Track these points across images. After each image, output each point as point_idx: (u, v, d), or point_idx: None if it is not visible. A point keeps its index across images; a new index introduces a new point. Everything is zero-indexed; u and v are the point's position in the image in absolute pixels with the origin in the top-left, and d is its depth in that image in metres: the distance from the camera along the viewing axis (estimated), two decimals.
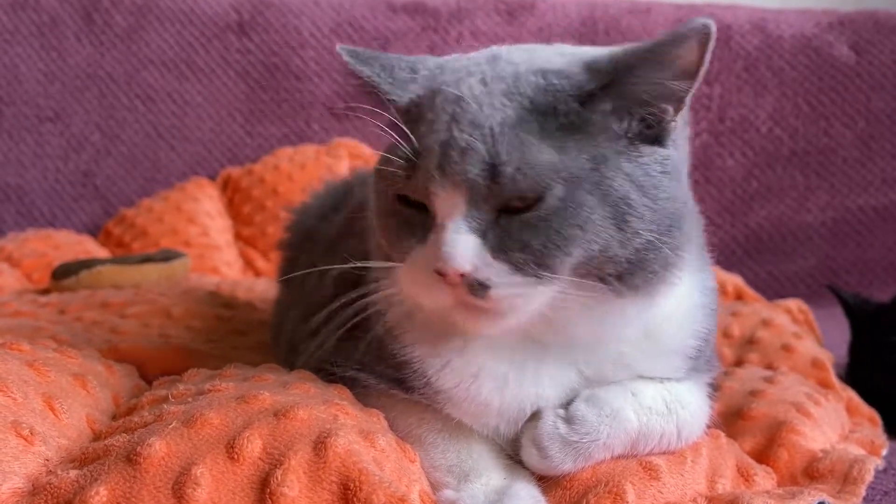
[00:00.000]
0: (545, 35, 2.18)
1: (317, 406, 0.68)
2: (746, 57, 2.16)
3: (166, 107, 2.16)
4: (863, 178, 2.10)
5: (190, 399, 0.71)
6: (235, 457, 0.61)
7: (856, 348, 1.24)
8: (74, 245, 1.85)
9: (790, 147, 2.13)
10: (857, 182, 2.10)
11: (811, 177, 2.12)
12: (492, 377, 0.73)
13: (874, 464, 0.86)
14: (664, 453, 0.76)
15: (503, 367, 0.73)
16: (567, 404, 0.73)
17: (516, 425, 0.74)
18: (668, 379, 0.78)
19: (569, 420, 0.71)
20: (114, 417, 0.78)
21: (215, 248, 1.95)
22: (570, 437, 0.71)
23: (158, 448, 0.62)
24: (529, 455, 0.72)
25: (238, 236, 2.05)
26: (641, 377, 0.77)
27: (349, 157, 2.07)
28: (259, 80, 2.18)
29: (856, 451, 0.90)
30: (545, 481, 0.73)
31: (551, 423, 0.71)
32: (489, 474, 0.72)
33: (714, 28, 0.64)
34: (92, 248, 1.90)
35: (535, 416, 0.73)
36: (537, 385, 0.74)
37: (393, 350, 0.75)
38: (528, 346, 0.73)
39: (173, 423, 0.64)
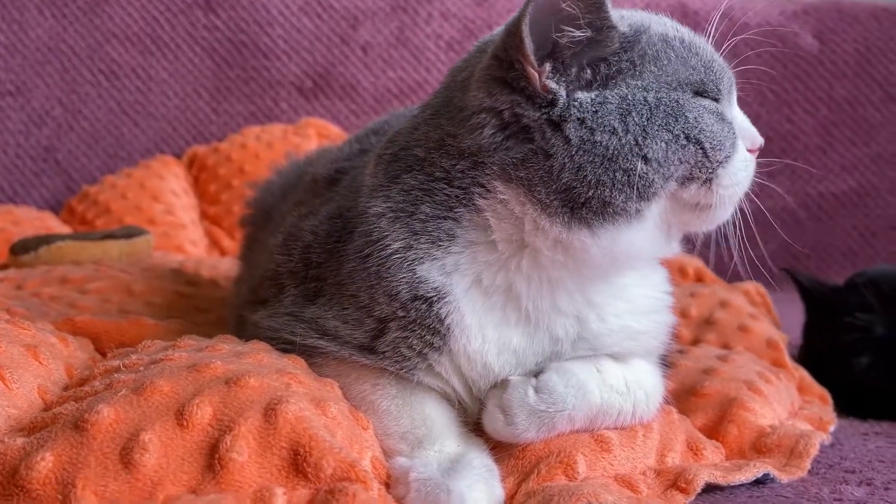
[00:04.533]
0: None
1: (269, 374, 0.68)
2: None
3: (130, 82, 2.12)
4: (823, 165, 2.14)
5: (142, 368, 0.71)
6: (185, 423, 0.61)
7: (810, 329, 1.26)
8: (35, 221, 1.82)
9: None
10: (818, 168, 2.14)
11: (773, 162, 2.14)
12: (507, 342, 0.75)
13: (820, 438, 0.88)
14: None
15: (518, 333, 0.75)
16: (536, 374, 0.74)
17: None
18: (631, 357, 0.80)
19: (538, 389, 0.72)
20: (66, 388, 0.78)
21: (180, 226, 1.92)
22: (538, 405, 0.72)
23: (107, 415, 0.61)
24: (494, 420, 0.73)
25: (204, 215, 2.03)
26: (606, 355, 0.78)
27: (317, 136, 2.06)
28: (226, 57, 2.15)
29: (804, 426, 0.93)
30: (498, 451, 0.74)
31: (521, 390, 0.72)
32: (443, 442, 0.72)
33: None
34: (53, 224, 1.87)
35: (502, 383, 0.74)
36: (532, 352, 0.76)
37: (432, 312, 0.73)
38: (541, 315, 0.75)
39: (123, 391, 0.64)
